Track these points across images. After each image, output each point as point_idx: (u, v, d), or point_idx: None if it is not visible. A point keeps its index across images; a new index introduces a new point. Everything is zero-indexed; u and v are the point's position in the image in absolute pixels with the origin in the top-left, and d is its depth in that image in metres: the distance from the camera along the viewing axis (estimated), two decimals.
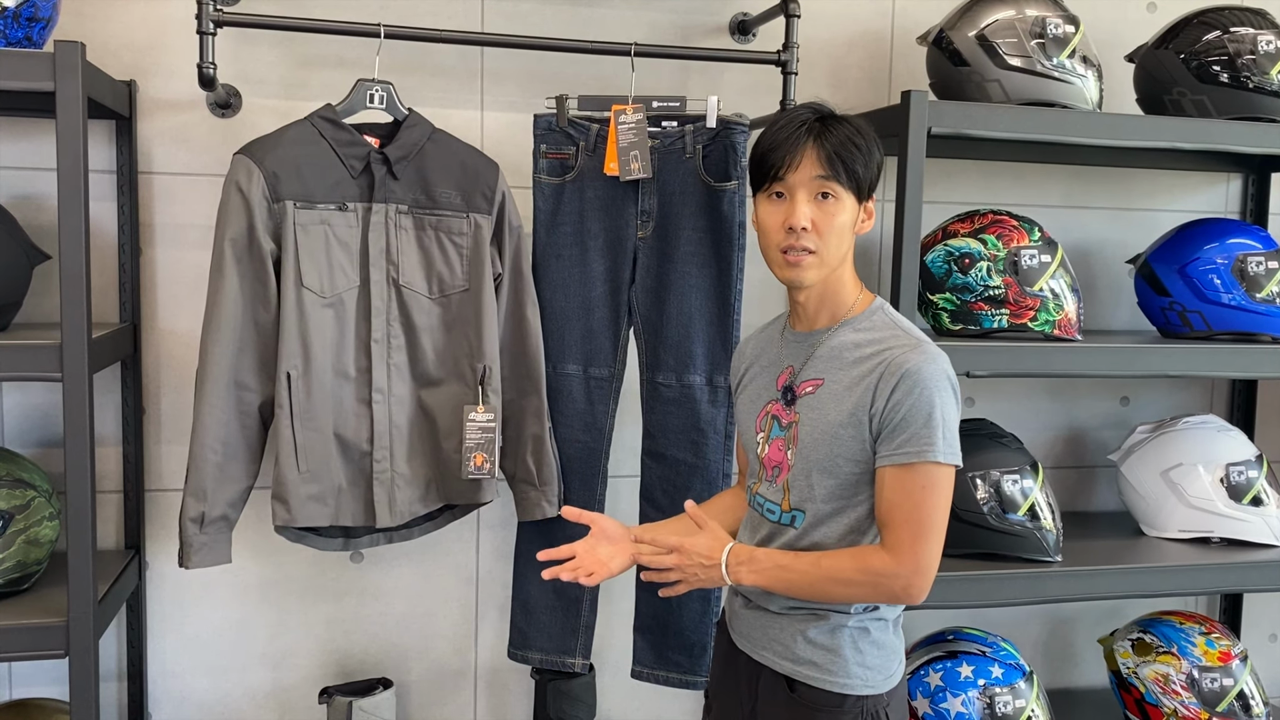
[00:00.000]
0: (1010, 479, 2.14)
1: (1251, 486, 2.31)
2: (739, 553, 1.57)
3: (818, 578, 1.53)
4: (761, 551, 1.58)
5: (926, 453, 1.48)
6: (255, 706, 2.25)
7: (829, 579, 1.52)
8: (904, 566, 1.49)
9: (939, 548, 1.51)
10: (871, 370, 1.53)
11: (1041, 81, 2.09)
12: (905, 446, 1.49)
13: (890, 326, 1.59)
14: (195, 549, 1.88)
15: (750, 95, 2.29)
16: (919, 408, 1.48)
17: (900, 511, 1.49)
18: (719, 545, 1.58)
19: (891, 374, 1.50)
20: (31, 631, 1.76)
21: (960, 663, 2.20)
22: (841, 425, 1.54)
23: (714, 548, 1.58)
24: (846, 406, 1.54)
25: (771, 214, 1.57)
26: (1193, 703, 2.31)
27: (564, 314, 2.11)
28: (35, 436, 2.11)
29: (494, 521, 2.31)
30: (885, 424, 1.51)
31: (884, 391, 1.50)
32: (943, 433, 1.49)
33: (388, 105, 1.99)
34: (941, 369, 1.52)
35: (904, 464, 1.49)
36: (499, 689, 2.37)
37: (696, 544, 1.58)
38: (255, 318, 1.90)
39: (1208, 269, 2.25)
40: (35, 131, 2.05)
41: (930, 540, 1.50)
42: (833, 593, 1.54)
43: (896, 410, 1.49)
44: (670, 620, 2.16)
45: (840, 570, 1.52)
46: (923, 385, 1.49)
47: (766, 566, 1.56)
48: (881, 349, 1.55)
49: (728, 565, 1.56)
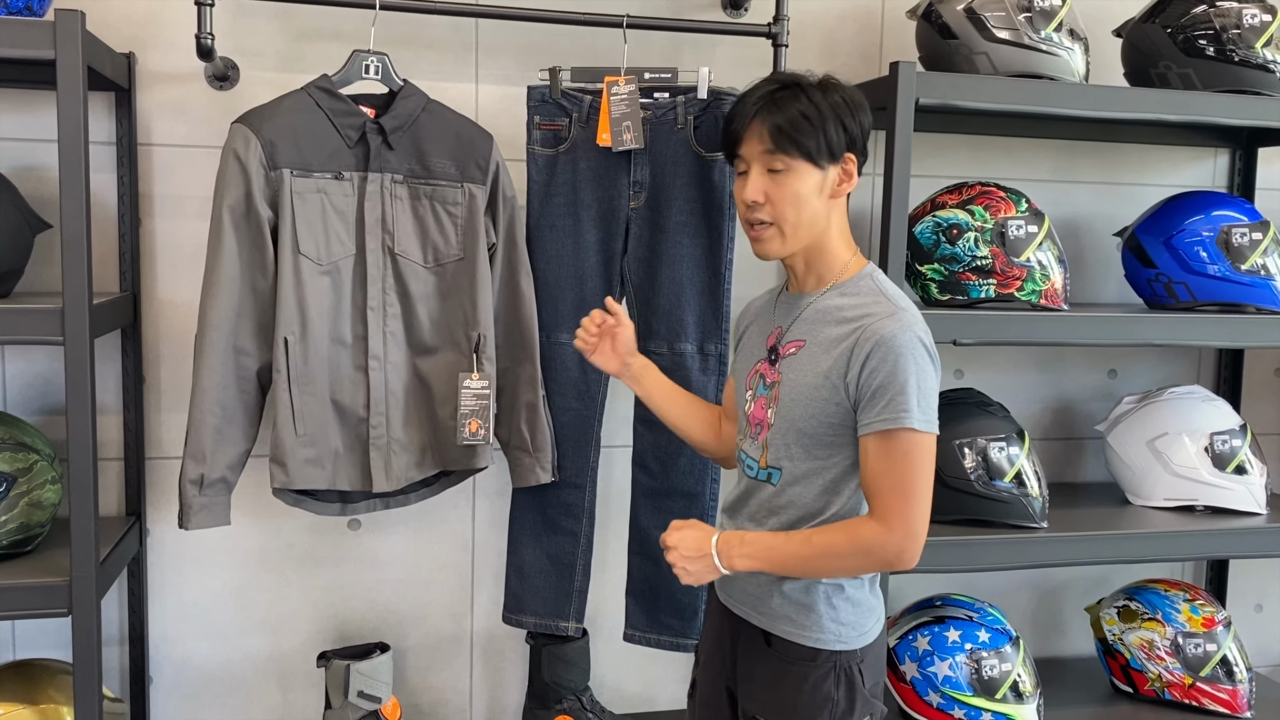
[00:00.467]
0: (997, 446, 2.18)
1: (1235, 455, 2.34)
2: (728, 540, 1.58)
3: (809, 555, 1.54)
4: (750, 534, 1.59)
5: (903, 419, 1.50)
6: (255, 670, 2.29)
7: (822, 555, 1.54)
8: (895, 534, 1.51)
9: (926, 512, 1.53)
10: (848, 335, 1.55)
11: (1029, 54, 2.11)
12: (883, 414, 1.51)
13: (875, 293, 1.60)
14: (195, 510, 1.92)
15: (742, 68, 2.31)
16: (894, 376, 1.50)
17: (886, 479, 1.52)
18: (705, 536, 1.59)
19: (866, 341, 1.52)
20: (35, 590, 1.79)
21: (948, 627, 2.23)
22: (817, 387, 1.57)
23: (701, 540, 1.58)
24: (823, 369, 1.57)
25: (738, 189, 1.63)
26: (1176, 668, 2.35)
27: (557, 283, 2.15)
28: (37, 404, 2.14)
29: (489, 490, 2.35)
30: (862, 392, 1.53)
31: (858, 359, 1.53)
32: (918, 400, 1.50)
33: (383, 76, 2.02)
34: (916, 336, 1.53)
35: (883, 431, 1.51)
36: (494, 654, 2.41)
37: (684, 539, 1.59)
38: (253, 284, 1.94)
39: (1193, 240, 2.28)
40: (37, 103, 2.08)
41: (917, 505, 1.52)
42: (827, 567, 1.56)
43: (873, 378, 1.51)
44: (662, 584, 2.20)
45: (832, 545, 1.54)
46: (897, 353, 1.50)
47: (758, 549, 1.56)
48: (861, 314, 1.57)
49: (718, 553, 1.57)
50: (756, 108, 1.58)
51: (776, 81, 1.61)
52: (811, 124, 1.56)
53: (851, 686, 1.60)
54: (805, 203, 1.58)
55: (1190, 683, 2.34)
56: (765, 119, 1.56)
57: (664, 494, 2.19)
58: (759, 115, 1.57)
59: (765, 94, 1.59)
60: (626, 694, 2.46)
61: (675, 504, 2.18)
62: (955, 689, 2.19)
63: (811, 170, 1.57)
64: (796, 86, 1.59)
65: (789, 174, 1.57)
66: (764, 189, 1.58)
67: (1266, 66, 2.21)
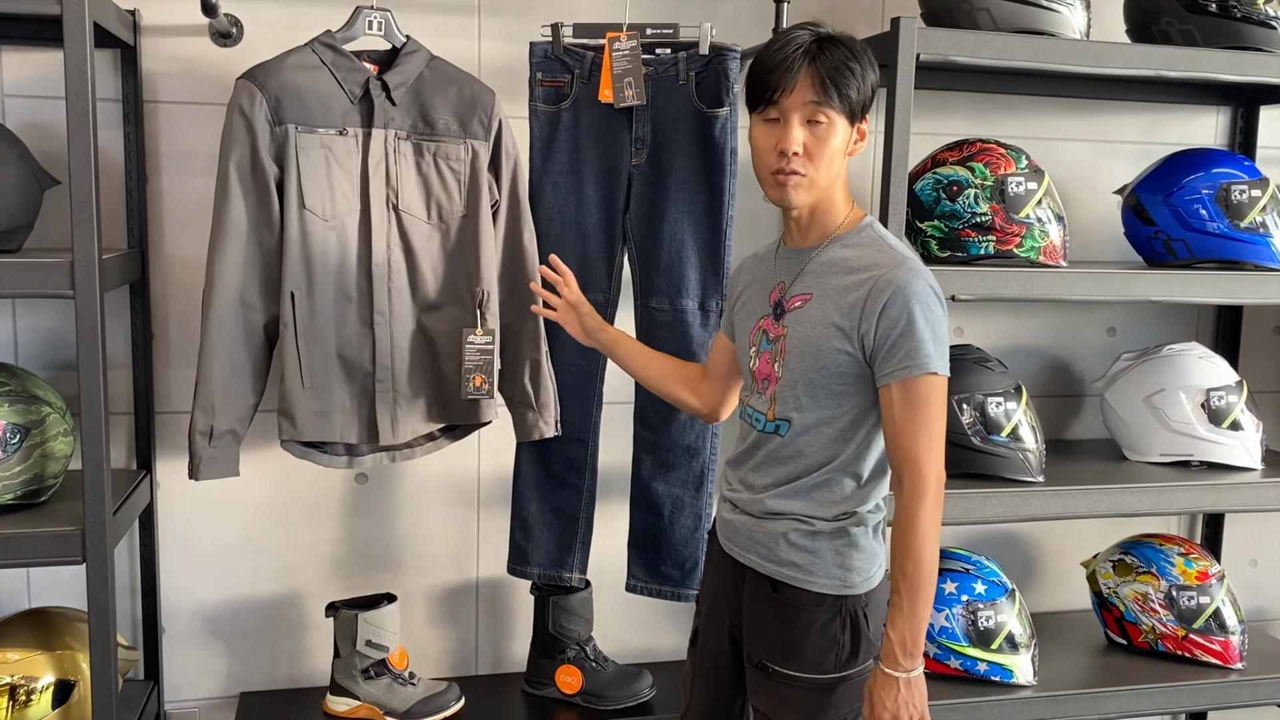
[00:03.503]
0: (994, 402, 2.20)
1: (1231, 411, 2.36)
2: (888, 661, 1.55)
3: (915, 573, 1.54)
4: (887, 637, 1.56)
5: (925, 364, 1.54)
6: (265, 620, 2.34)
7: (915, 559, 1.55)
8: (930, 474, 1.55)
9: (943, 449, 1.59)
10: (859, 286, 1.58)
11: (1029, 10, 2.11)
12: (905, 361, 1.54)
13: (878, 243, 1.63)
14: (204, 461, 1.96)
15: (743, 24, 2.32)
16: (912, 325, 1.54)
17: (910, 425, 1.55)
18: (884, 692, 1.56)
19: (880, 291, 1.55)
20: (49, 539, 1.83)
21: (944, 580, 2.27)
22: (827, 339, 1.59)
23: (889, 697, 1.55)
24: (833, 320, 1.59)
25: (765, 136, 1.61)
26: (1170, 620, 2.38)
27: (560, 240, 2.17)
28: (47, 359, 2.18)
29: (494, 444, 2.38)
30: (880, 342, 1.56)
31: (873, 310, 1.55)
32: (934, 345, 1.55)
33: (386, 32, 2.03)
34: (927, 284, 1.57)
35: (905, 378, 1.54)
36: (499, 605, 2.46)
37: (897, 711, 1.56)
38: (259, 239, 1.96)
39: (1193, 198, 2.29)
40: (43, 61, 2.09)
41: (937, 441, 1.57)
42: (928, 557, 1.55)
43: (892, 329, 1.54)
44: (663, 536, 2.24)
45: (907, 543, 1.55)
46: (911, 301, 1.54)
47: (901, 634, 1.54)
48: (869, 265, 1.59)
49: (891, 674, 1.55)
50: (806, 57, 1.56)
51: (812, 32, 1.59)
52: (855, 77, 1.57)
53: (856, 630, 1.64)
54: (835, 158, 1.60)
55: (1183, 634, 2.38)
56: (814, 69, 1.55)
57: (665, 448, 2.23)
58: (808, 64, 1.55)
59: (809, 44, 1.57)
60: (628, 644, 2.51)
61: (676, 458, 2.22)
62: (951, 639, 2.23)
63: (844, 125, 1.59)
64: (832, 39, 1.58)
65: (829, 126, 1.58)
66: (804, 140, 1.58)
67: (1268, 23, 2.21)
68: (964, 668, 2.23)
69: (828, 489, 1.64)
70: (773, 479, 1.67)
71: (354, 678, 2.18)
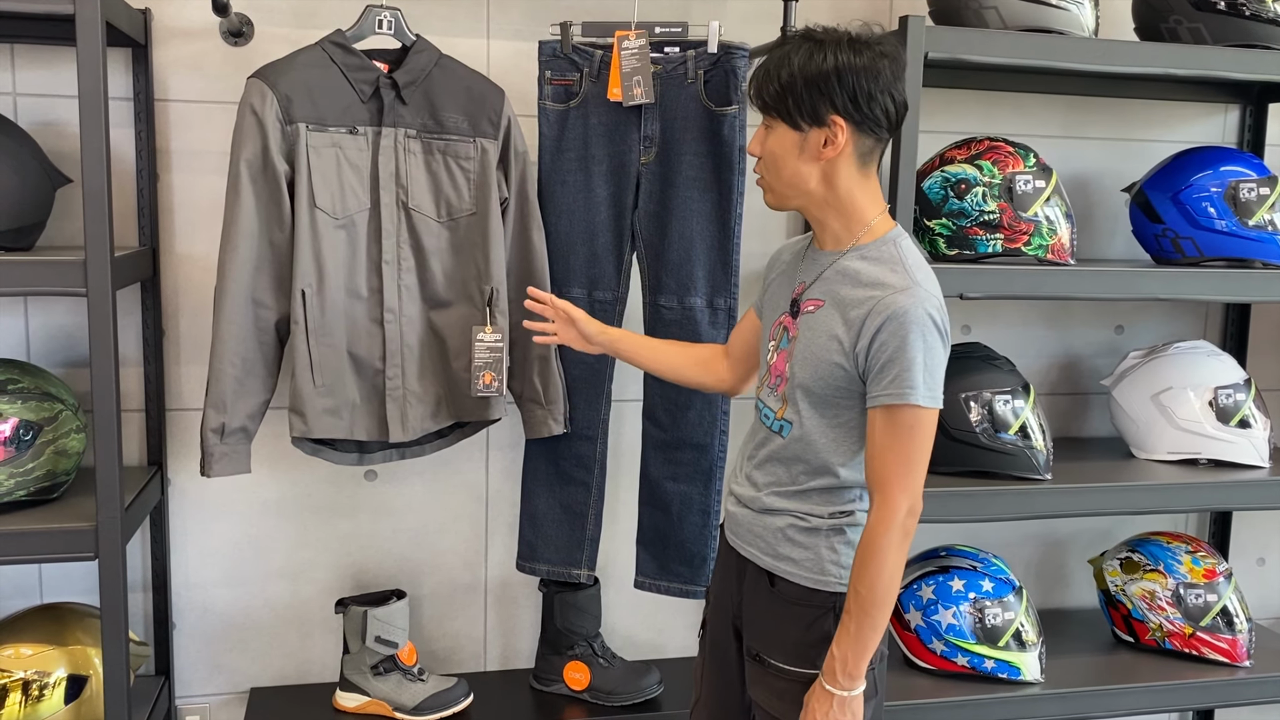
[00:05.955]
0: (1002, 399, 2.21)
1: (1239, 409, 2.36)
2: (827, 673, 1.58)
3: (866, 596, 1.54)
4: (829, 654, 1.58)
5: (909, 395, 1.52)
6: (275, 617, 2.35)
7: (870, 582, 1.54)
8: (901, 500, 1.54)
9: (924, 474, 1.57)
10: (864, 302, 1.57)
11: (1038, 8, 2.12)
12: (890, 388, 1.53)
13: (895, 261, 1.59)
14: (216, 458, 1.97)
15: (752, 22, 2.32)
16: (903, 351, 1.52)
17: (890, 453, 1.55)
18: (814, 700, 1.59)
19: (879, 313, 1.54)
20: (62, 535, 1.85)
21: (952, 577, 2.28)
22: (828, 351, 1.59)
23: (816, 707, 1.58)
24: (836, 332, 1.59)
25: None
26: (1177, 617, 2.39)
27: (569, 238, 2.17)
28: (60, 357, 2.19)
29: (503, 442, 2.39)
30: (871, 364, 1.55)
31: (869, 330, 1.54)
32: (924, 376, 1.52)
33: (395, 31, 2.04)
34: (928, 313, 1.54)
35: (890, 405, 1.54)
36: (508, 601, 2.47)
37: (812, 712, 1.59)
38: (271, 237, 1.97)
39: (1201, 196, 2.29)
40: (56, 59, 2.10)
41: (915, 472, 1.55)
42: (885, 578, 1.54)
43: (881, 351, 1.53)
44: (671, 533, 2.25)
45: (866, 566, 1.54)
46: (907, 328, 1.52)
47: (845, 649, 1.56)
48: (878, 283, 1.57)
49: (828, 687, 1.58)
50: (758, 67, 1.63)
51: (789, 40, 1.63)
52: (780, 85, 1.57)
53: None
54: (781, 162, 1.61)
55: (1190, 632, 2.38)
56: (753, 80, 1.62)
57: (673, 445, 2.23)
58: (754, 75, 1.63)
59: (769, 54, 1.62)
60: (636, 641, 2.52)
61: (685, 455, 2.22)
62: (959, 637, 2.23)
63: (787, 131, 1.59)
64: (805, 42, 1.58)
65: (773, 133, 1.62)
66: (760, 144, 1.64)
67: (1277, 21, 2.21)
68: (971, 665, 2.23)
69: (826, 492, 1.65)
70: (773, 478, 1.69)
71: (363, 673, 2.20)
